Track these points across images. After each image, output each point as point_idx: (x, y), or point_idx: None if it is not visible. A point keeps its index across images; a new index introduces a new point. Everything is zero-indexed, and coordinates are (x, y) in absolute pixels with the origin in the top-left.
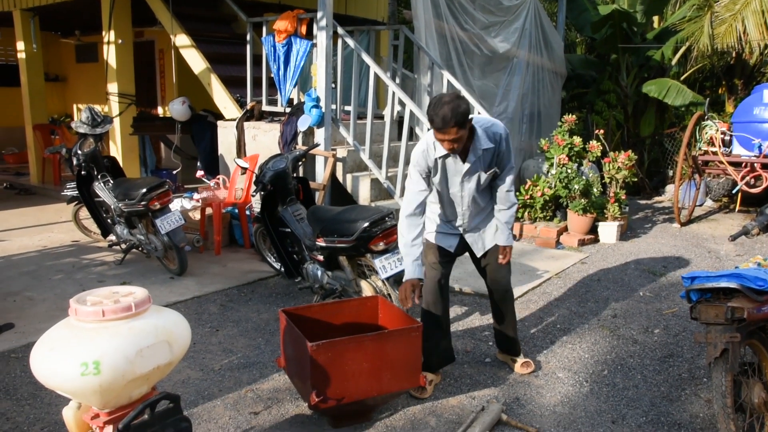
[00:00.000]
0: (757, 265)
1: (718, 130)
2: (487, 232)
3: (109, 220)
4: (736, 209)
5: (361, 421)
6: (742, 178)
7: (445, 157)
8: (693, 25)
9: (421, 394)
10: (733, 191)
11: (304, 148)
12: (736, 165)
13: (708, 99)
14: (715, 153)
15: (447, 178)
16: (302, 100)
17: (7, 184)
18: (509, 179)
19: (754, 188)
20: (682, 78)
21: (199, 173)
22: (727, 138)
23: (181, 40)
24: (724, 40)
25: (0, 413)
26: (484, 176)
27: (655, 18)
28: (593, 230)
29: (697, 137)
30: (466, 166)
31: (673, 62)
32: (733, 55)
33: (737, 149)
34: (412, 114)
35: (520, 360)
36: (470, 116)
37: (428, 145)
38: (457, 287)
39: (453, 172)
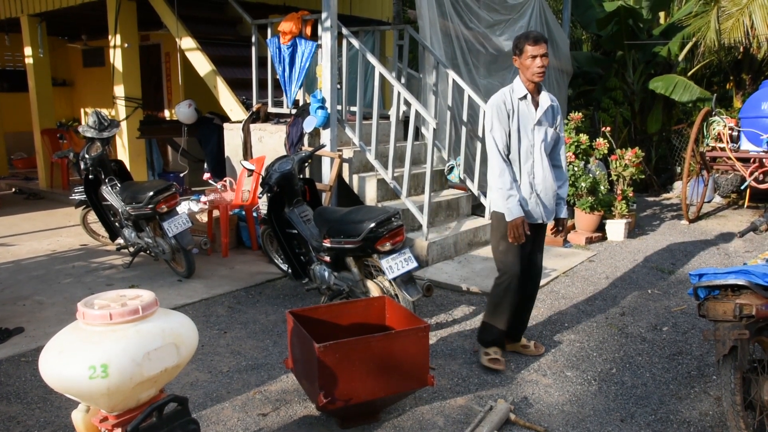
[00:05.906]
0: (766, 262)
1: (725, 126)
2: (548, 203)
3: (117, 224)
4: (745, 205)
5: (369, 422)
6: (751, 173)
7: (523, 98)
8: (699, 20)
9: (498, 366)
10: (742, 187)
11: (310, 149)
12: (745, 161)
13: (715, 95)
14: (723, 149)
15: (521, 126)
16: (308, 102)
17: (16, 188)
18: (563, 154)
19: (763, 184)
20: (689, 74)
21: (206, 176)
22: (735, 134)
23: (187, 43)
24: (731, 35)
25: (11, 417)
26: (550, 132)
27: (661, 14)
28: (601, 228)
29: (705, 133)
30: (539, 112)
31: (680, 58)
32: (741, 50)
33: (745, 145)
34: (417, 114)
35: (531, 343)
36: None
37: (506, 92)
38: (464, 286)
39: (526, 118)
